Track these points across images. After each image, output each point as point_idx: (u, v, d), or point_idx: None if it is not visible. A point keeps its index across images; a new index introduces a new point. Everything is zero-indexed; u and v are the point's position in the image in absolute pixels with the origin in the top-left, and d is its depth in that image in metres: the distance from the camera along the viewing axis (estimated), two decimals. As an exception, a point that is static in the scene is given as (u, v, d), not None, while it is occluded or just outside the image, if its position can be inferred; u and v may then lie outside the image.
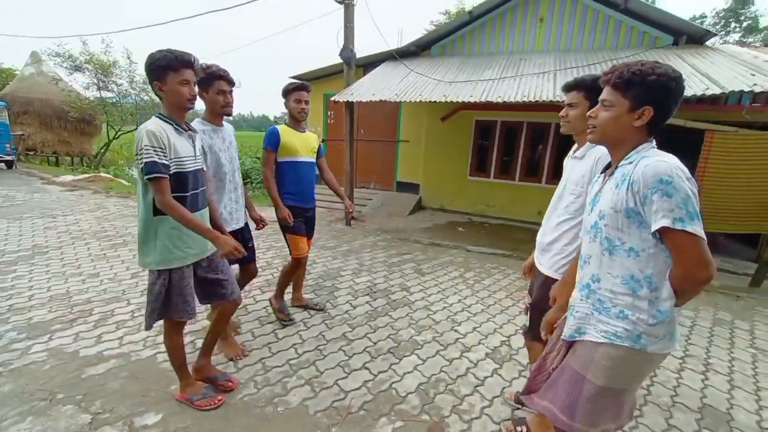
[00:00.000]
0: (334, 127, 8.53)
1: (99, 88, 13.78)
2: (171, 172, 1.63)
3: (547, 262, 1.77)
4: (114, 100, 14.11)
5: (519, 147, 7.11)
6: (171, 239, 1.72)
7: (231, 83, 2.15)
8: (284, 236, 2.76)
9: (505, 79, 5.53)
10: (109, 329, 2.69)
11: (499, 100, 4.92)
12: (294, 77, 8.50)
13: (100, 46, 13.58)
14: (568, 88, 1.67)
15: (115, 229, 5.27)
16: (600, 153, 1.53)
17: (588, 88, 1.58)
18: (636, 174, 1.07)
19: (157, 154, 1.57)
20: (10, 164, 10.95)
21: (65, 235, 4.83)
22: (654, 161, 1.05)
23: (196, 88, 1.75)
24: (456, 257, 4.87)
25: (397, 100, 5.57)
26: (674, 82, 1.09)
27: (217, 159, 2.17)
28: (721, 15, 24.55)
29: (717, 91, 3.86)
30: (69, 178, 9.59)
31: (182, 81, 1.63)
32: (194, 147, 1.78)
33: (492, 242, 5.71)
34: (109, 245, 4.53)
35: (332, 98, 6.17)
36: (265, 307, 3.10)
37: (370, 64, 7.70)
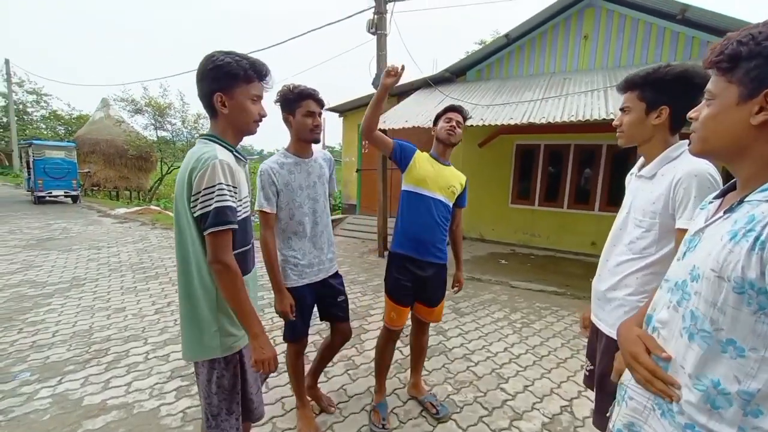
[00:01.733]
0: (368, 157, 8.44)
1: (156, 128, 15.00)
2: (239, 217, 1.20)
3: (607, 318, 1.30)
4: (168, 138, 15.27)
5: (566, 171, 6.55)
6: (230, 313, 1.25)
7: (321, 104, 1.81)
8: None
9: (549, 100, 5.14)
10: (119, 373, 2.50)
11: (543, 121, 4.51)
12: (328, 109, 8.62)
13: (158, 90, 14.86)
14: (620, 89, 1.28)
15: (151, 260, 5.33)
16: (684, 171, 1.10)
17: (641, 85, 1.19)
18: None
19: (232, 196, 1.14)
20: (75, 198, 11.95)
21: (104, 267, 4.92)
22: None
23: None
24: (499, 294, 4.35)
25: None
26: None
27: (291, 199, 1.78)
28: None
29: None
30: (122, 210, 10.22)
31: (254, 96, 1.23)
32: (249, 180, 1.39)
33: (539, 277, 5.11)
34: (142, 278, 4.53)
35: (365, 127, 6.07)
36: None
37: (403, 92, 7.63)
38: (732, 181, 0.81)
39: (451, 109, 2.05)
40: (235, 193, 1.17)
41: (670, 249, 1.15)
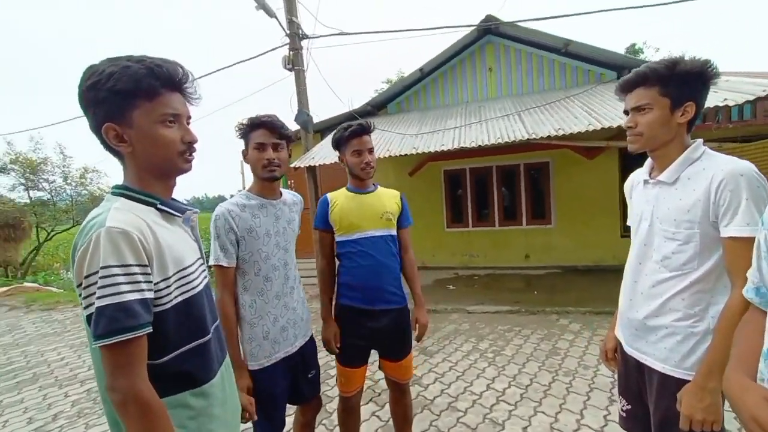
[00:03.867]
0: (296, 196, 7.98)
1: (27, 189, 12.49)
2: (169, 304, 0.81)
3: (655, 351, 1.11)
4: (46, 199, 12.81)
5: (492, 192, 6.89)
6: None
7: (278, 132, 1.44)
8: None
9: (472, 125, 5.37)
10: None
11: (473, 144, 4.65)
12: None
13: (28, 144, 12.53)
14: (628, 86, 1.11)
15: (25, 357, 4.07)
16: (725, 172, 0.96)
17: (664, 79, 1.04)
18: None
19: (132, 284, 0.73)
20: None
21: (-52, 381, 3.58)
22: None
23: (192, 129, 0.92)
24: (460, 323, 4.17)
25: (364, 159, 5.17)
26: None
27: (256, 249, 1.41)
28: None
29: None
30: (-20, 295, 8.00)
31: (167, 116, 0.83)
32: (198, 240, 0.98)
33: (489, 297, 5.10)
34: (11, 385, 3.36)
35: (292, 164, 5.67)
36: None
37: (326, 128, 7.46)
38: None
39: (355, 134, 1.68)
40: (144, 273, 0.75)
41: (716, 261, 1.01)
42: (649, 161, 1.20)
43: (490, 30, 6.50)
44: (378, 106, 7.59)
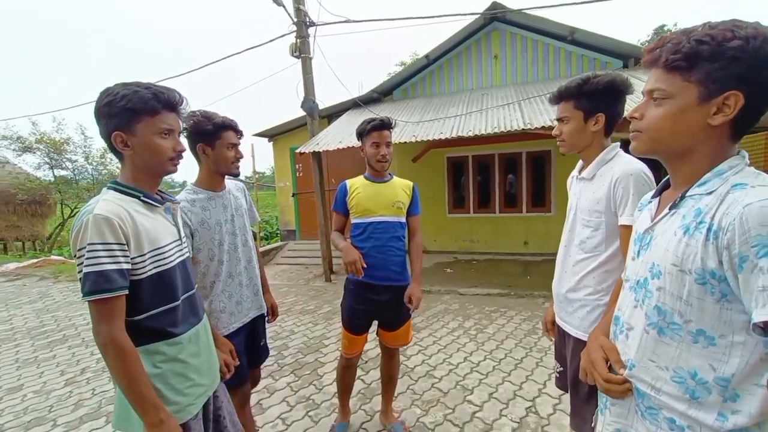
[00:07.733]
0: (304, 180, 8.25)
1: (52, 167, 13.11)
2: (144, 275, 1.04)
3: (571, 320, 1.34)
4: (69, 177, 13.43)
5: (494, 179, 7.02)
6: (168, 379, 1.08)
7: (240, 134, 1.70)
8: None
9: (472, 114, 5.49)
10: (19, 472, 2.01)
11: (470, 134, 4.79)
12: (257, 134, 8.31)
13: (51, 125, 13.08)
14: (553, 100, 1.33)
15: (55, 321, 4.52)
16: (621, 171, 1.18)
17: (576, 95, 1.26)
18: (728, 217, 0.64)
19: (110, 257, 0.96)
20: (-56, 258, 9.83)
21: (-9, 339, 4.05)
22: (763, 196, 0.62)
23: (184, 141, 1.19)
24: (450, 304, 4.43)
25: (366, 145, 5.37)
26: None
27: (209, 238, 1.60)
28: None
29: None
30: (12, 266, 8.63)
31: (164, 130, 1.08)
32: (177, 225, 1.22)
33: (484, 281, 5.33)
34: (44, 344, 3.79)
35: (298, 150, 5.92)
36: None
37: (333, 114, 7.64)
38: (665, 179, 0.87)
39: (376, 128, 1.91)
40: (122, 249, 0.99)
41: (617, 245, 1.22)
42: (580, 161, 1.39)
43: (496, 17, 6.50)
44: (384, 93, 7.70)
